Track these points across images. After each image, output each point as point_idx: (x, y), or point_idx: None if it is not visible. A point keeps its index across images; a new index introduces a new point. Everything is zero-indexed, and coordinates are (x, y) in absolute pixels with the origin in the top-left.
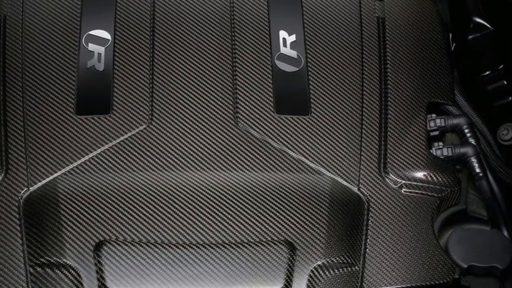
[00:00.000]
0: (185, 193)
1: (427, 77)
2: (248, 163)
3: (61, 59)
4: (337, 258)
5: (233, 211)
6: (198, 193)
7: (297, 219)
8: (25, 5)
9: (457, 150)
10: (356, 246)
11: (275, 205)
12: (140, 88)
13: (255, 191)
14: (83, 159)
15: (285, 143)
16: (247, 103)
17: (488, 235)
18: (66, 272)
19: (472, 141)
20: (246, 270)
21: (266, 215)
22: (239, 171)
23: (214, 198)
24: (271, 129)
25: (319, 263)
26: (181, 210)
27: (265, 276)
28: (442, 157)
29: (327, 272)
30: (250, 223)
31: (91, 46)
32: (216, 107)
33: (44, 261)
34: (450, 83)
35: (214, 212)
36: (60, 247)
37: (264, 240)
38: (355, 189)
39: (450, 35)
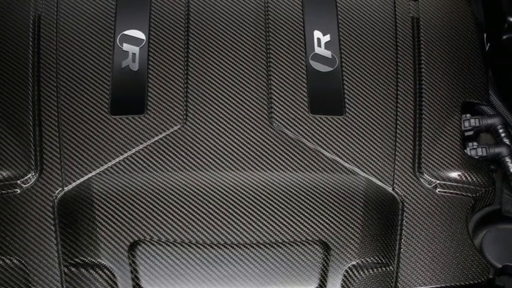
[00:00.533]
0: (219, 193)
1: (461, 77)
2: (283, 163)
3: (96, 59)
4: (372, 258)
5: (267, 211)
6: (232, 193)
7: (332, 219)
8: (60, 5)
9: (491, 150)
10: (390, 246)
11: (310, 205)
12: (175, 88)
13: (289, 191)
14: (117, 159)
15: (320, 143)
16: (282, 103)
17: None
18: (100, 272)
19: (507, 141)
20: (280, 270)
21: (301, 215)
22: (273, 171)
23: (248, 198)
24: (305, 129)
25: (354, 263)
26: (216, 210)
27: (300, 276)
28: (476, 157)
29: (361, 272)
30: (284, 223)
31: (126, 46)
32: (250, 107)
33: (79, 261)
34: (484, 83)
35: (249, 212)
36: (95, 247)
37: (298, 240)
38: (390, 189)
39: (485, 35)
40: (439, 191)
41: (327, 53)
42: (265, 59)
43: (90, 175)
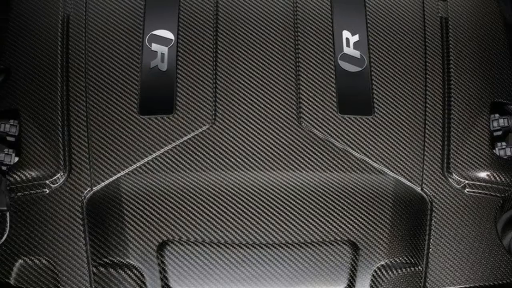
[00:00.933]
0: (248, 193)
1: (490, 77)
2: (311, 163)
3: (124, 59)
4: (400, 258)
5: (296, 211)
6: (261, 193)
7: (361, 219)
8: (89, 5)
9: None
10: (419, 246)
11: (338, 205)
12: (204, 88)
13: (318, 191)
14: (146, 159)
15: (348, 143)
16: (311, 103)
17: None
18: (129, 272)
19: None
20: (309, 270)
21: (330, 215)
22: (302, 171)
23: (277, 198)
24: (334, 129)
25: (383, 263)
26: (244, 210)
27: (329, 276)
28: (505, 157)
29: (390, 272)
30: (313, 223)
31: (154, 46)
32: (279, 107)
33: (107, 261)
34: None
35: (277, 212)
36: (123, 247)
37: (327, 240)
38: (418, 189)
39: None
40: (467, 191)
41: (356, 53)
42: (294, 59)
43: (118, 175)
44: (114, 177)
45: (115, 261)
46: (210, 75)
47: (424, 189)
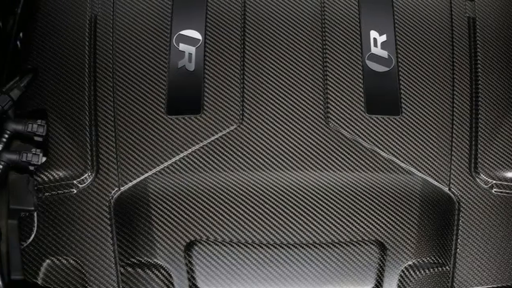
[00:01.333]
0: (275, 193)
1: None
2: (339, 163)
3: (152, 59)
4: (428, 258)
5: (323, 211)
6: (288, 193)
7: (388, 219)
8: (116, 5)
9: None
10: (446, 246)
11: (366, 205)
12: (231, 88)
13: (345, 191)
14: (173, 159)
15: (376, 143)
16: (338, 103)
17: None
18: (156, 272)
19: None
20: (337, 270)
21: (357, 215)
22: (329, 171)
23: (304, 198)
24: (361, 129)
25: (410, 263)
26: (272, 210)
27: (356, 276)
28: None
29: (417, 272)
30: (341, 223)
31: (182, 46)
32: (307, 107)
33: (135, 261)
34: None
35: (305, 212)
36: (151, 247)
37: (354, 240)
38: (446, 189)
39: None
40: (495, 191)
41: (384, 53)
42: (322, 59)
43: (146, 175)
44: (142, 177)
45: (143, 261)
46: (237, 75)
47: (452, 189)
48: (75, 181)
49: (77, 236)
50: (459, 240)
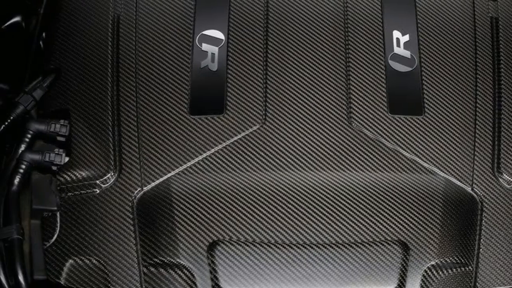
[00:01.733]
0: (298, 193)
1: None
2: (361, 163)
3: (175, 59)
4: (451, 258)
5: (346, 211)
6: (311, 193)
7: (411, 219)
8: (139, 5)
9: None
10: (469, 246)
11: (389, 205)
12: (254, 88)
13: (368, 191)
14: (196, 159)
15: (399, 143)
16: (361, 103)
17: None
18: (179, 272)
19: None
20: (359, 270)
21: (380, 215)
22: (352, 171)
23: (327, 198)
24: (384, 129)
25: (433, 263)
26: (295, 210)
27: (379, 276)
28: None
29: (440, 272)
30: (363, 223)
31: (205, 46)
32: (329, 107)
33: (158, 261)
34: None
35: (328, 212)
36: (174, 247)
37: (377, 240)
38: (469, 189)
39: None
40: None
41: (406, 53)
42: (344, 59)
43: (169, 175)
44: (165, 177)
45: (166, 261)
46: (260, 75)
47: (475, 189)
48: (98, 181)
49: (100, 236)
50: (482, 240)
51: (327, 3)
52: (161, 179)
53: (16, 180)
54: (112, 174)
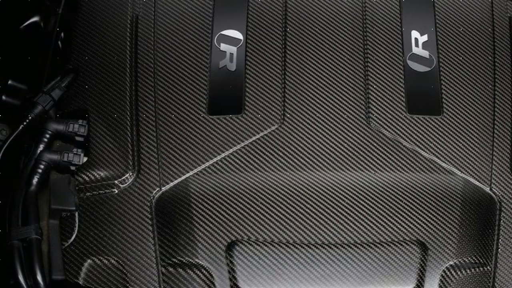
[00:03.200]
0: (316, 193)
1: None
2: (380, 163)
3: (193, 59)
4: (469, 258)
5: (365, 211)
6: (329, 193)
7: (429, 219)
8: (157, 5)
9: None
10: (488, 246)
11: (407, 205)
12: (272, 88)
13: (387, 191)
14: (215, 159)
15: (417, 143)
16: (379, 103)
17: None
18: (198, 272)
19: None
20: (378, 270)
21: (398, 215)
22: (370, 171)
23: (346, 198)
24: (403, 129)
25: (451, 263)
26: (313, 210)
27: (397, 276)
28: None
29: (459, 272)
30: (382, 223)
31: (223, 46)
32: (348, 107)
33: (176, 261)
34: None
35: (346, 212)
36: (192, 247)
37: (396, 240)
38: (487, 189)
39: None
40: None
41: (425, 53)
42: (363, 59)
43: (187, 175)
44: (183, 177)
45: (184, 261)
46: (279, 75)
47: (493, 189)
48: (116, 181)
49: (119, 236)
50: (500, 240)
51: (346, 3)
52: (179, 179)
53: (35, 180)
54: (131, 174)
